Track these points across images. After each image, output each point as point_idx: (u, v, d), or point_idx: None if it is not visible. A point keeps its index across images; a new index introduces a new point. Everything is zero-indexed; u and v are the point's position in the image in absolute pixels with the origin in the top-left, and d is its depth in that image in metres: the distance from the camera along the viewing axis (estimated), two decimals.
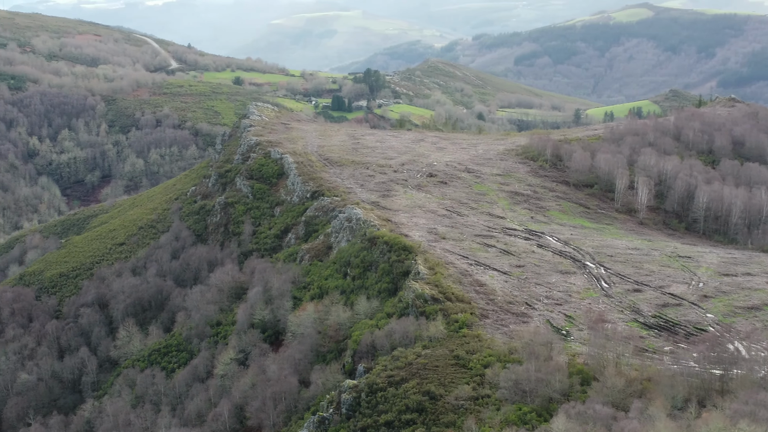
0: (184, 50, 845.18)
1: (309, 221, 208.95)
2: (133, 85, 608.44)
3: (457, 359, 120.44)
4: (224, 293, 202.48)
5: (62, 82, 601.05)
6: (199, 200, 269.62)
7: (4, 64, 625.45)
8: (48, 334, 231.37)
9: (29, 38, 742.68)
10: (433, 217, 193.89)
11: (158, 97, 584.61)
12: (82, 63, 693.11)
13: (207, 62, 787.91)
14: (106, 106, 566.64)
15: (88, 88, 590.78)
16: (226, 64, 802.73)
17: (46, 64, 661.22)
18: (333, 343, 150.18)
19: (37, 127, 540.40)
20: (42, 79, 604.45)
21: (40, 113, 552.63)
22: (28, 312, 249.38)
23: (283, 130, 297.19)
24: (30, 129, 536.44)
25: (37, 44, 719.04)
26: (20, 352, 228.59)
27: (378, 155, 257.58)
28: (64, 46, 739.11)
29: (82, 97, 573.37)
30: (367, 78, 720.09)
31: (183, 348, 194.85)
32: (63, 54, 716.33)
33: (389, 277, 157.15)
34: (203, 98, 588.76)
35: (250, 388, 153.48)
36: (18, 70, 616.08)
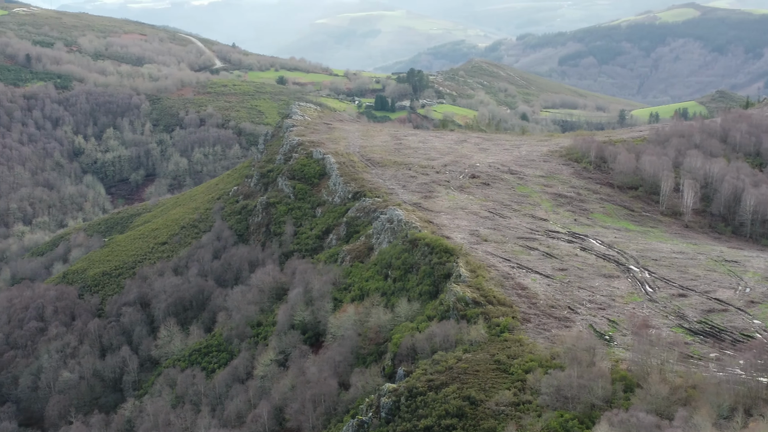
0: (228, 50, 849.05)
1: (350, 222, 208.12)
2: (177, 84, 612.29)
3: (498, 364, 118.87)
4: (265, 294, 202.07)
5: (108, 81, 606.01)
6: (241, 200, 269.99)
7: (51, 63, 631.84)
8: (90, 332, 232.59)
9: (76, 38, 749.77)
10: (475, 218, 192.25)
11: (202, 97, 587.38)
12: (128, 62, 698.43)
13: (251, 62, 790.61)
14: (150, 105, 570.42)
15: (133, 87, 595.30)
16: (270, 63, 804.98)
17: (92, 63, 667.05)
18: (373, 346, 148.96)
19: (82, 125, 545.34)
20: (88, 78, 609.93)
21: (86, 112, 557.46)
22: (70, 310, 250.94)
23: (325, 130, 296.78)
24: (76, 128, 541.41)
25: (83, 43, 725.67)
26: (63, 350, 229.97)
27: (420, 156, 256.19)
28: (110, 45, 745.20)
29: (127, 96, 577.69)
30: (411, 78, 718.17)
31: (223, 348, 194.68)
32: (109, 53, 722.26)
33: (430, 279, 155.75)
34: (247, 97, 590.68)
35: (290, 390, 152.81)
36: (64, 69, 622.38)
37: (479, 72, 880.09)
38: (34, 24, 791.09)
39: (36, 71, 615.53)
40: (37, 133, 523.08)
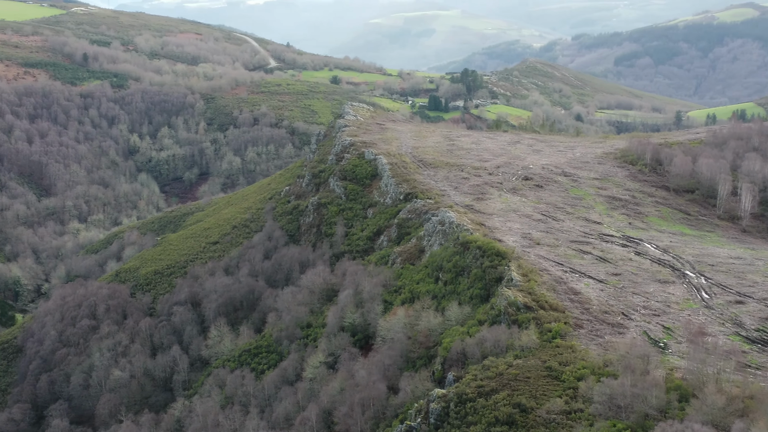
0: (282, 49, 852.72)
1: (401, 224, 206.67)
2: (231, 83, 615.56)
3: (550, 371, 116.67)
4: (315, 295, 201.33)
5: (163, 80, 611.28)
6: (293, 200, 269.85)
7: (107, 62, 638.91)
8: (141, 331, 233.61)
9: (132, 37, 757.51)
10: (527, 221, 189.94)
11: (256, 96, 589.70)
12: (183, 61, 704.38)
13: (305, 61, 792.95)
14: (205, 104, 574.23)
15: (187, 86, 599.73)
16: (324, 63, 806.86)
17: (148, 62, 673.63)
18: (423, 350, 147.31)
19: (137, 124, 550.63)
20: (143, 77, 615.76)
21: (141, 111, 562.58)
22: (122, 309, 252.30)
23: (377, 130, 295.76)
24: (131, 126, 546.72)
25: (139, 43, 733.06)
26: (114, 348, 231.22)
27: (473, 157, 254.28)
28: (166, 44, 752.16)
29: (182, 95, 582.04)
30: (465, 78, 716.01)
31: (273, 349, 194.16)
32: (164, 52, 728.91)
33: (481, 283, 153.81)
34: (300, 97, 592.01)
35: (339, 393, 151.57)
36: (121, 68, 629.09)
37: (534, 72, 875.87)
38: (91, 23, 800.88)
39: (93, 70, 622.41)
40: (93, 131, 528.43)
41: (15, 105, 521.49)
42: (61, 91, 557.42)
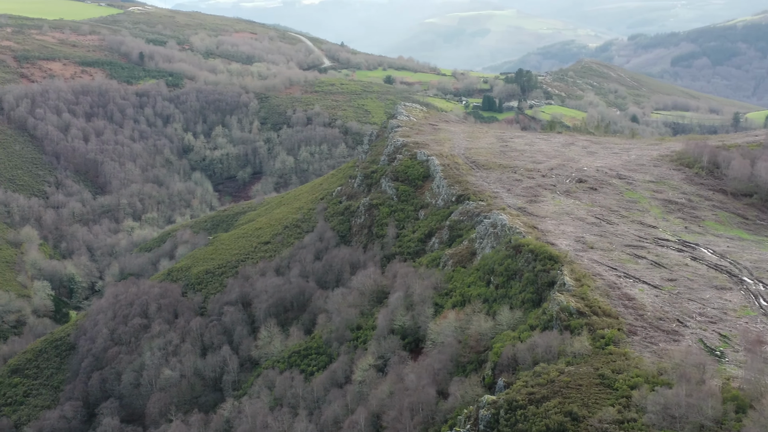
0: (336, 48, 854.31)
1: (453, 226, 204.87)
2: (285, 82, 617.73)
3: (602, 378, 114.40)
4: (365, 297, 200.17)
5: (217, 79, 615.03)
6: (344, 201, 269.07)
7: (163, 61, 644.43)
8: (192, 330, 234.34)
9: (188, 36, 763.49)
10: (581, 224, 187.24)
11: (310, 95, 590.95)
12: (238, 60, 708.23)
13: (359, 60, 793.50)
14: (258, 104, 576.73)
15: (242, 86, 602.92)
16: (378, 62, 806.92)
17: (203, 61, 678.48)
18: (473, 354, 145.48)
19: (192, 123, 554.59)
20: (198, 76, 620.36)
21: (196, 110, 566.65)
22: (174, 308, 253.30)
23: (430, 131, 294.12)
24: (185, 125, 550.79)
25: (195, 42, 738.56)
26: (165, 347, 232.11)
27: (526, 159, 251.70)
28: (221, 43, 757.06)
29: (236, 94, 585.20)
30: (519, 78, 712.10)
31: (322, 351, 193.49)
32: (219, 51, 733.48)
33: (533, 287, 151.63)
34: (354, 97, 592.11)
35: (388, 397, 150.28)
36: (176, 67, 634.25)
37: (589, 72, 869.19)
38: (147, 23, 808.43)
39: (148, 69, 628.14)
40: (148, 130, 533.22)
41: (72, 103, 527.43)
42: (117, 90, 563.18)
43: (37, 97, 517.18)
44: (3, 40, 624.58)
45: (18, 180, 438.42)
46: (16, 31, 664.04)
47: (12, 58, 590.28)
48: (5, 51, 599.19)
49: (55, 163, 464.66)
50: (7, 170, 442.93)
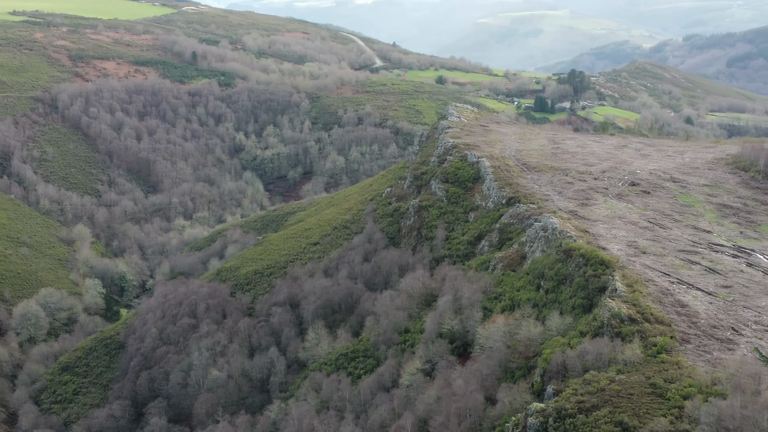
0: (388, 48, 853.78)
1: (503, 228, 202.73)
2: (337, 82, 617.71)
3: (654, 388, 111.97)
4: (414, 299, 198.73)
5: (269, 78, 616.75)
6: (394, 202, 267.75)
7: (215, 60, 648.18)
8: (240, 331, 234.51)
9: (240, 36, 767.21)
10: (633, 229, 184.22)
11: (361, 95, 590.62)
12: (290, 60, 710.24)
13: (411, 61, 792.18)
14: (310, 103, 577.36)
15: (293, 85, 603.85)
16: (430, 62, 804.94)
17: (255, 61, 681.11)
18: (522, 360, 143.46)
19: (243, 122, 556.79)
20: (250, 75, 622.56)
21: (247, 109, 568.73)
22: (222, 308, 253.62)
23: (481, 132, 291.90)
24: (237, 124, 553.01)
25: (247, 41, 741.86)
26: (213, 348, 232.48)
27: (578, 161, 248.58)
28: (273, 43, 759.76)
29: (288, 93, 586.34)
30: (572, 79, 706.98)
31: (370, 354, 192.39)
32: (271, 51, 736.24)
33: (584, 292, 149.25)
34: (405, 97, 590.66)
35: (435, 402, 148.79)
36: (228, 66, 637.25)
37: (642, 73, 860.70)
38: (201, 22, 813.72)
39: (201, 68, 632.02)
40: (200, 129, 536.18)
41: (125, 102, 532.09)
42: (170, 89, 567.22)
43: (91, 96, 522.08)
44: (58, 40, 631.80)
45: (71, 178, 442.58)
46: (71, 31, 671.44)
47: (67, 57, 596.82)
48: (60, 50, 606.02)
49: (108, 162, 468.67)
50: (61, 168, 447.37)
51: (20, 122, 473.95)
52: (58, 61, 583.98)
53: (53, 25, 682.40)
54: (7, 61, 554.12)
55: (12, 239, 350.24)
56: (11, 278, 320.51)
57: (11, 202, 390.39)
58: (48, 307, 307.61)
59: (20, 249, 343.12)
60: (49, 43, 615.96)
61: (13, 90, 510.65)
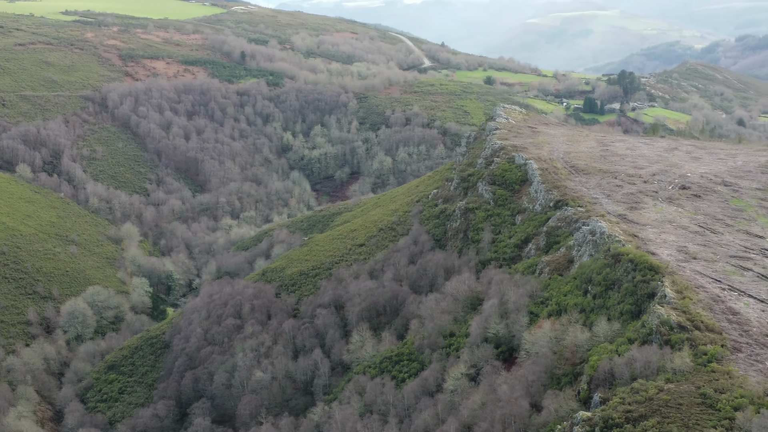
0: (437, 48, 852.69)
1: (550, 232, 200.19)
2: (385, 82, 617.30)
3: (704, 398, 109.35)
4: (459, 303, 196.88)
5: (317, 78, 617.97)
6: (440, 204, 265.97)
7: (264, 60, 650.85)
8: (284, 332, 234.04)
9: (289, 35, 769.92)
10: (683, 233, 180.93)
11: (409, 96, 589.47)
12: (338, 60, 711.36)
13: (459, 61, 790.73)
14: (357, 103, 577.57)
15: (341, 85, 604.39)
16: (478, 63, 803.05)
17: (303, 60, 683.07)
18: (568, 366, 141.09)
19: (291, 122, 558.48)
20: (298, 75, 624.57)
21: (295, 109, 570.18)
22: (267, 309, 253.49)
23: (529, 133, 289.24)
24: (285, 124, 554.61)
25: (296, 41, 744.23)
26: (257, 349, 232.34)
27: (627, 164, 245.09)
28: (322, 43, 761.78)
29: (336, 93, 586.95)
30: (621, 80, 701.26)
31: (414, 358, 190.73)
32: (320, 51, 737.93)
33: (633, 298, 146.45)
34: (453, 97, 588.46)
35: (480, 408, 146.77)
36: (277, 66, 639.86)
37: (694, 74, 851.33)
38: (250, 22, 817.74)
39: (250, 68, 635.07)
40: (248, 128, 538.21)
41: (174, 102, 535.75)
42: (219, 89, 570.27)
43: (141, 96, 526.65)
44: (109, 39, 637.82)
45: (120, 177, 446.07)
46: (122, 30, 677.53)
47: (117, 56, 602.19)
48: (111, 50, 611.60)
49: (156, 161, 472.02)
50: (110, 167, 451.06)
51: (70, 121, 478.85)
52: (108, 61, 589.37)
53: (104, 24, 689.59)
54: (59, 61, 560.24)
55: (61, 237, 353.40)
56: (60, 276, 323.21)
57: (61, 200, 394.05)
58: (95, 306, 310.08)
59: (69, 247, 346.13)
60: (99, 43, 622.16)
61: (64, 89, 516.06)
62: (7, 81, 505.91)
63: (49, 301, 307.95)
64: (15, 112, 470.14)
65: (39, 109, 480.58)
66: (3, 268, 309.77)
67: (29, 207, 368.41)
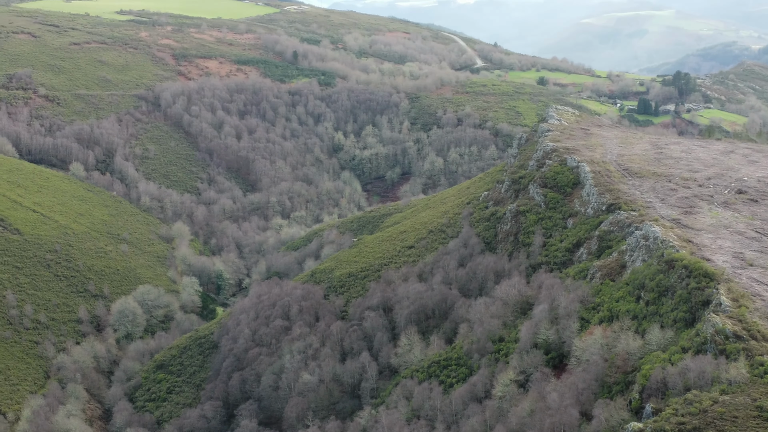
0: (489, 49, 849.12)
1: (603, 236, 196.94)
2: (437, 83, 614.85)
3: (761, 411, 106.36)
4: (509, 307, 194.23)
5: (369, 78, 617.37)
6: (491, 206, 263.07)
7: (316, 60, 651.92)
8: (332, 335, 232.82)
9: (342, 35, 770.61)
10: (740, 239, 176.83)
11: (461, 96, 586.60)
12: (390, 60, 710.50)
13: (512, 61, 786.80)
14: (409, 104, 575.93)
15: (393, 85, 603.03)
16: (531, 63, 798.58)
17: (356, 60, 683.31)
18: (620, 375, 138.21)
19: (342, 122, 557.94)
20: (350, 75, 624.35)
21: (347, 109, 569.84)
22: (315, 310, 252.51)
23: (581, 135, 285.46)
24: (336, 124, 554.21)
25: (348, 41, 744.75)
26: (305, 351, 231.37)
27: (682, 167, 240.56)
28: (374, 43, 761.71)
29: (387, 94, 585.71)
30: (677, 81, 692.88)
31: (463, 363, 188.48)
32: (372, 51, 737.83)
33: (686, 305, 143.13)
34: (505, 98, 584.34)
35: (528, 415, 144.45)
36: (329, 66, 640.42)
37: (751, 76, 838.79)
38: (303, 22, 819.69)
39: (302, 68, 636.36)
40: (299, 128, 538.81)
41: (226, 101, 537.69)
42: (271, 88, 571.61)
43: (193, 95, 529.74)
44: (163, 39, 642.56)
45: (172, 176, 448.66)
46: (175, 30, 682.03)
47: (171, 56, 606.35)
48: (164, 49, 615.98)
49: (207, 160, 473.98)
50: (162, 166, 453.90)
51: (124, 120, 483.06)
52: (162, 60, 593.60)
53: (158, 24, 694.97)
54: (113, 60, 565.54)
55: (113, 236, 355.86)
56: (110, 275, 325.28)
57: (113, 198, 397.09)
58: (145, 304, 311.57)
59: (120, 246, 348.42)
60: (153, 42, 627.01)
61: (118, 88, 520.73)
62: (63, 80, 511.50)
63: (100, 299, 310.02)
64: (69, 110, 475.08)
65: (93, 108, 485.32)
66: (55, 266, 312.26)
67: (82, 205, 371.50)
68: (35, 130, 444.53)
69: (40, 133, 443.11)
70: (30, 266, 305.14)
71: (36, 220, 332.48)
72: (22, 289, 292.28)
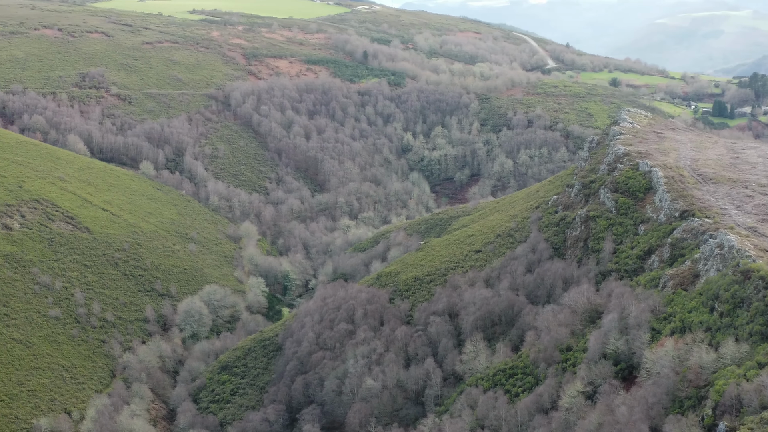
0: (561, 49, 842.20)
1: (675, 244, 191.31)
2: (507, 83, 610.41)
3: None
4: (577, 316, 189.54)
5: (439, 79, 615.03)
6: (560, 211, 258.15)
7: (386, 60, 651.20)
8: (397, 340, 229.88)
9: (412, 35, 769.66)
10: None
11: (531, 97, 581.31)
12: (460, 60, 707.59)
13: (584, 62, 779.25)
14: (479, 105, 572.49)
15: (463, 86, 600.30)
16: (604, 64, 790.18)
17: (426, 60, 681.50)
18: (692, 389, 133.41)
19: (411, 123, 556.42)
20: (420, 75, 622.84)
21: (416, 109, 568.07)
22: (380, 315, 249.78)
23: (654, 139, 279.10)
24: (405, 125, 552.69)
25: (419, 41, 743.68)
26: (368, 356, 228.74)
27: (759, 173, 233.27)
28: (445, 43, 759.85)
29: (457, 94, 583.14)
30: (753, 82, 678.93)
31: (529, 372, 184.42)
32: (443, 51, 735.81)
33: (763, 318, 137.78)
34: (577, 99, 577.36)
35: (596, 429, 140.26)
36: (399, 66, 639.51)
37: None
38: (373, 21, 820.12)
39: (371, 68, 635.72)
40: (368, 128, 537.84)
41: (296, 101, 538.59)
42: (340, 88, 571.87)
43: (263, 95, 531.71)
44: (234, 38, 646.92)
45: (241, 176, 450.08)
46: (246, 29, 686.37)
47: (241, 55, 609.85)
48: (235, 48, 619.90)
49: (276, 160, 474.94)
50: (231, 165, 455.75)
51: (194, 119, 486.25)
52: (232, 60, 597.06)
53: (230, 23, 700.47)
54: (185, 59, 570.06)
55: (181, 235, 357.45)
56: (178, 274, 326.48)
57: (182, 197, 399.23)
58: (211, 304, 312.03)
59: (188, 245, 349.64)
60: (224, 42, 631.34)
61: (189, 87, 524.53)
62: (135, 79, 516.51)
63: (167, 298, 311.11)
64: (140, 109, 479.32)
65: (164, 107, 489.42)
66: (123, 265, 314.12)
67: (151, 204, 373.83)
68: (107, 128, 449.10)
69: (111, 131, 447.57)
70: (98, 265, 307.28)
71: (105, 219, 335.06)
72: (90, 288, 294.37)
